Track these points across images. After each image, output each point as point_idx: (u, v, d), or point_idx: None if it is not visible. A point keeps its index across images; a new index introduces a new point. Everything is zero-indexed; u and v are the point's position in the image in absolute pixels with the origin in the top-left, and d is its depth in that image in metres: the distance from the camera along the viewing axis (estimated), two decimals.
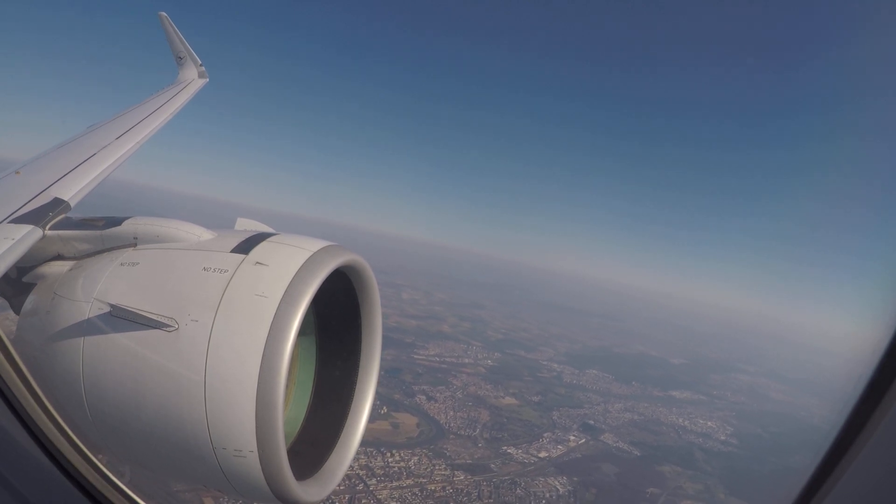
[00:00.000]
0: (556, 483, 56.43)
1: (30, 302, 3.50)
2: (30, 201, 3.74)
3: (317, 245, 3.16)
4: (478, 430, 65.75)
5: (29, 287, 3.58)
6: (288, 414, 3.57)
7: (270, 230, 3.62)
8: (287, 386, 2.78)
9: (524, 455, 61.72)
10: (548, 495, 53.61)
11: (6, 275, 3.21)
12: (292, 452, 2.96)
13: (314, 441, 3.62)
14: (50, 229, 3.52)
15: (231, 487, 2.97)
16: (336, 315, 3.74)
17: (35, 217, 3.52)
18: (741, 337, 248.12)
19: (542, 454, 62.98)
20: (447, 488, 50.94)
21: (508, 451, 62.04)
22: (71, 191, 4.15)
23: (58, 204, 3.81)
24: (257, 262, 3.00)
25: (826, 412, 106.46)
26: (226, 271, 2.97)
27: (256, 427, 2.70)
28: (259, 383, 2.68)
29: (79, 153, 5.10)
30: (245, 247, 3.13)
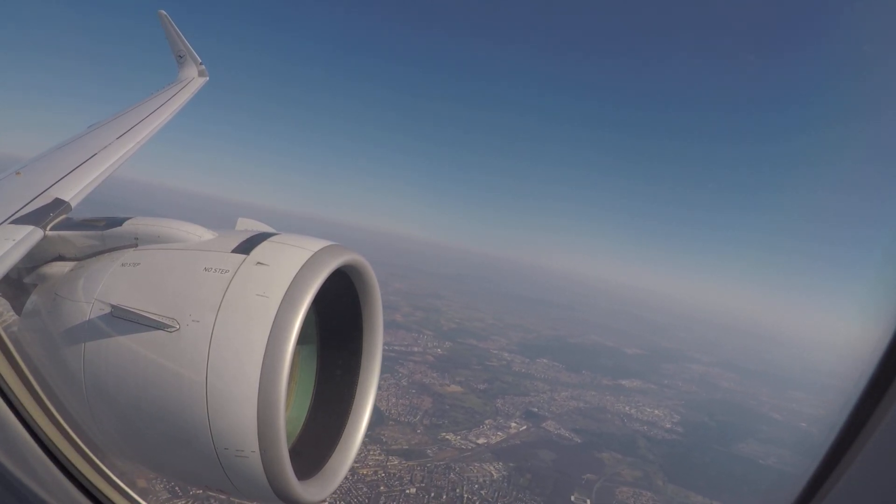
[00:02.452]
0: (492, 468, 57.63)
1: (31, 303, 3.53)
2: (30, 202, 3.77)
3: (318, 245, 3.19)
4: (418, 417, 66.80)
5: (30, 288, 3.61)
6: (289, 414, 3.61)
7: (271, 230, 3.66)
8: (288, 386, 2.79)
9: (462, 441, 62.90)
10: (481, 480, 54.69)
11: (7, 276, 3.14)
12: (294, 452, 2.97)
13: (316, 441, 3.66)
14: (51, 230, 3.54)
15: (233, 487, 3.00)
16: (337, 315, 3.78)
17: (36, 218, 3.54)
18: (699, 328, 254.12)
19: (481, 440, 64.30)
20: (379, 472, 51.61)
21: (447, 437, 63.11)
22: (72, 191, 4.17)
23: (59, 204, 3.84)
24: (258, 263, 3.02)
25: (777, 401, 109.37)
26: (227, 271, 3.00)
27: (258, 427, 2.71)
28: (261, 383, 2.70)
29: (79, 153, 5.17)
30: (246, 247, 3.16)
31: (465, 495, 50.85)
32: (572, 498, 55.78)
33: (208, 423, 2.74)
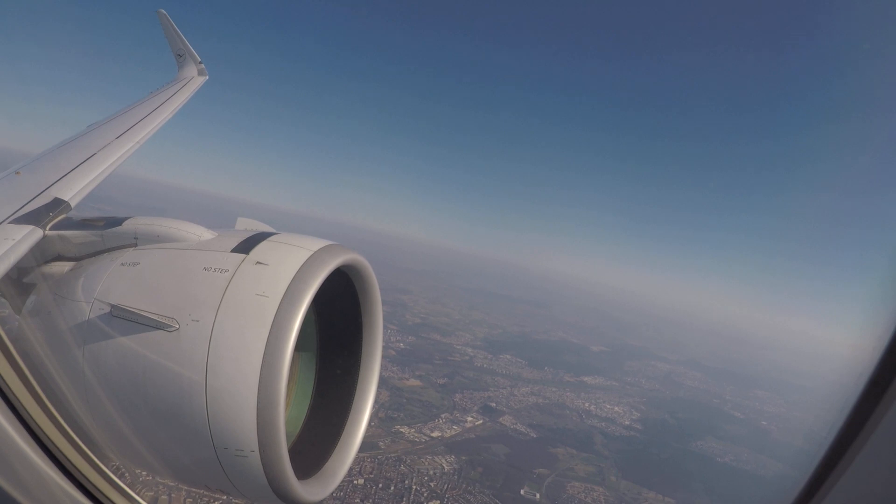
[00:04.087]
0: (443, 461, 58.78)
1: (30, 302, 3.57)
2: (30, 201, 3.79)
3: (317, 244, 3.25)
4: (374, 410, 65.48)
5: (29, 288, 3.64)
6: (289, 413, 3.65)
7: (271, 230, 3.70)
8: (288, 385, 2.84)
9: (416, 434, 63.89)
10: (431, 472, 55.77)
11: (7, 275, 3.12)
12: (294, 452, 3.00)
13: (315, 440, 3.70)
14: (50, 230, 3.58)
15: (233, 487, 3.03)
16: (337, 314, 3.83)
17: (35, 217, 3.56)
18: (669, 328, 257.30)
19: (435, 434, 65.38)
20: None
21: (401, 430, 63.91)
22: (71, 191, 4.22)
23: (58, 204, 3.87)
24: (258, 262, 3.06)
25: (741, 399, 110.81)
26: (226, 271, 3.03)
27: (258, 427, 2.75)
28: (260, 383, 2.74)
29: (79, 153, 5.22)
30: (245, 246, 3.20)
31: (414, 487, 51.80)
32: (522, 492, 56.83)
33: (208, 422, 2.80)
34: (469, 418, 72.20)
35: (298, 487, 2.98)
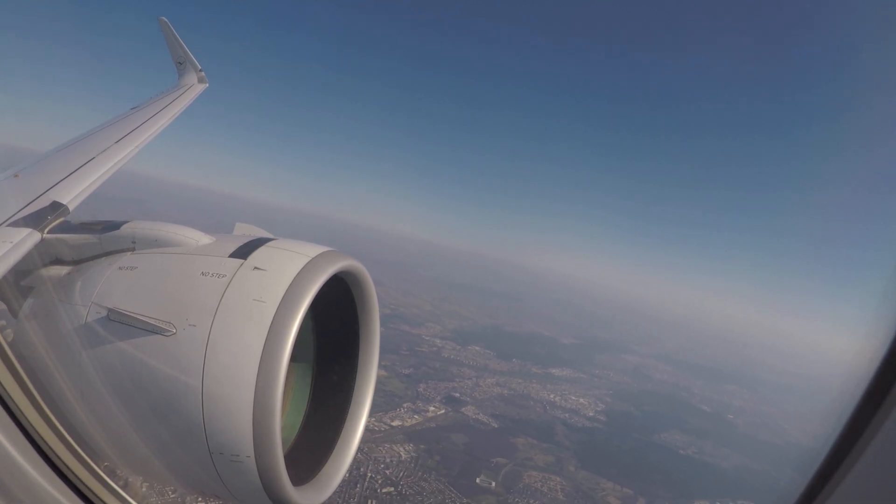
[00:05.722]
0: (401, 450, 59.37)
1: (28, 306, 3.61)
2: (28, 205, 3.86)
3: (315, 250, 3.32)
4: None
5: (27, 291, 3.68)
6: (285, 419, 3.71)
7: (269, 235, 3.77)
8: (285, 391, 2.88)
9: (376, 423, 63.58)
10: (388, 460, 56.22)
11: (4, 278, 3.21)
12: (289, 458, 3.09)
13: (311, 446, 3.76)
14: (48, 233, 3.64)
15: (228, 492, 3.10)
16: (334, 320, 3.89)
17: (34, 221, 3.63)
18: (643, 322, 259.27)
19: (396, 423, 65.84)
20: None
21: None
22: (70, 194, 4.28)
23: (56, 207, 3.94)
24: (255, 268, 3.13)
25: (709, 393, 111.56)
26: (224, 276, 3.09)
27: (254, 432, 2.80)
28: (257, 388, 2.78)
29: (78, 157, 5.30)
30: (243, 252, 3.27)
31: (369, 474, 52.19)
32: (478, 480, 57.43)
33: (203, 427, 2.85)
34: (431, 408, 73.18)
35: (294, 493, 3.05)
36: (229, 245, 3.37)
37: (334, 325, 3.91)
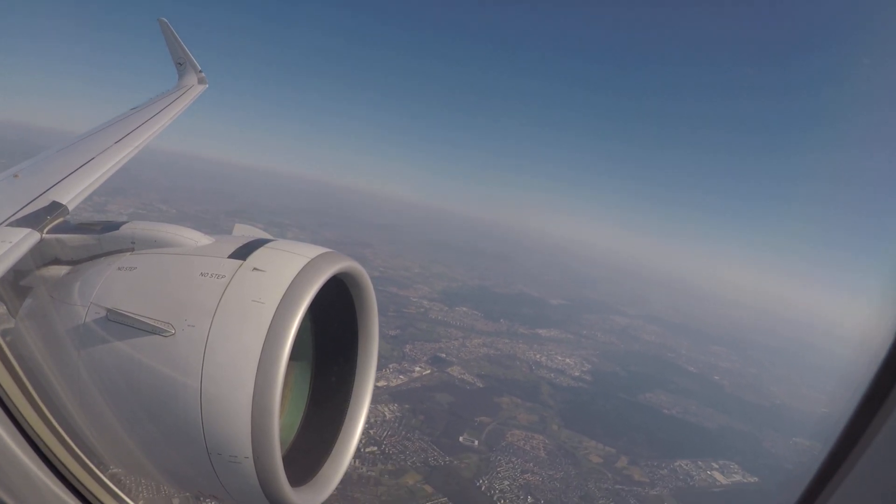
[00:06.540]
0: (386, 409, 60.52)
1: (27, 306, 3.65)
2: (28, 204, 3.88)
3: (314, 252, 3.32)
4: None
5: (26, 291, 3.71)
6: (284, 420, 3.73)
7: (268, 236, 3.78)
8: (283, 392, 2.88)
9: None
10: (372, 420, 56.62)
11: (3, 278, 3.21)
12: (288, 459, 3.07)
13: (310, 447, 3.76)
14: (48, 233, 3.67)
15: (226, 493, 3.09)
16: (333, 321, 3.89)
17: (33, 220, 3.66)
18: (633, 283, 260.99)
19: (381, 383, 66.68)
20: None
21: None
22: (69, 194, 4.30)
23: (56, 207, 3.96)
24: (255, 268, 3.12)
25: (696, 354, 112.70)
26: (223, 277, 3.09)
27: (252, 433, 2.80)
28: (255, 389, 2.78)
29: (77, 157, 5.33)
30: (242, 252, 3.27)
31: None
32: (461, 438, 58.68)
33: (202, 427, 2.85)
34: (417, 368, 74.30)
35: (292, 494, 3.05)
36: (228, 246, 3.39)
37: (333, 326, 3.92)
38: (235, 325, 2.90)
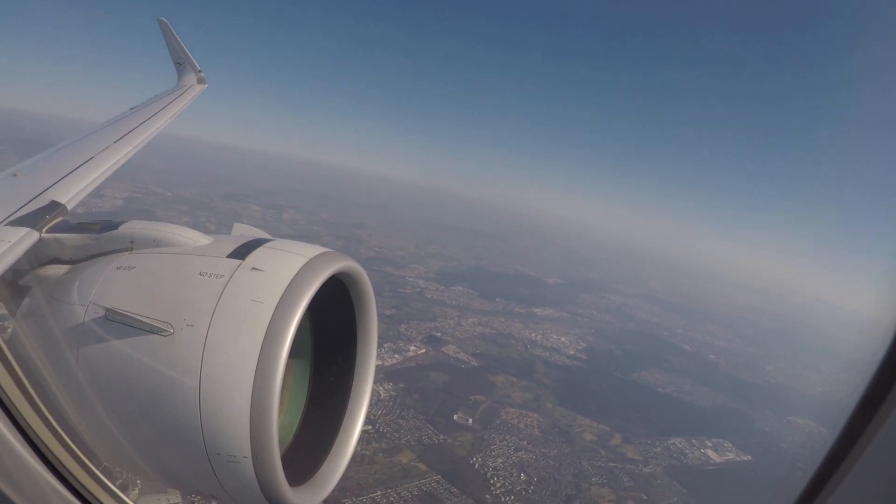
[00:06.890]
0: (380, 388, 61.03)
1: (25, 305, 3.63)
2: (27, 204, 3.87)
3: (313, 251, 3.32)
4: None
5: (25, 290, 3.70)
6: (282, 420, 3.72)
7: (267, 236, 3.80)
8: (282, 392, 2.90)
9: None
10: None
11: (2, 278, 3.24)
12: (286, 458, 3.06)
13: (308, 447, 3.75)
14: (46, 232, 3.65)
15: (224, 493, 3.08)
16: (332, 321, 3.89)
17: (32, 220, 3.63)
18: (630, 262, 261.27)
19: (376, 362, 63.49)
20: None
21: None
22: (68, 194, 4.29)
23: (55, 207, 3.95)
24: (253, 268, 3.12)
25: (692, 333, 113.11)
26: (222, 276, 3.09)
27: (251, 432, 2.80)
28: (254, 389, 2.79)
29: (77, 156, 5.31)
30: (241, 252, 3.27)
31: None
32: (455, 417, 59.40)
33: (201, 427, 2.85)
34: (412, 347, 75.17)
35: (290, 494, 3.05)
36: (227, 245, 3.39)
37: (332, 325, 3.92)
38: (234, 325, 2.91)
